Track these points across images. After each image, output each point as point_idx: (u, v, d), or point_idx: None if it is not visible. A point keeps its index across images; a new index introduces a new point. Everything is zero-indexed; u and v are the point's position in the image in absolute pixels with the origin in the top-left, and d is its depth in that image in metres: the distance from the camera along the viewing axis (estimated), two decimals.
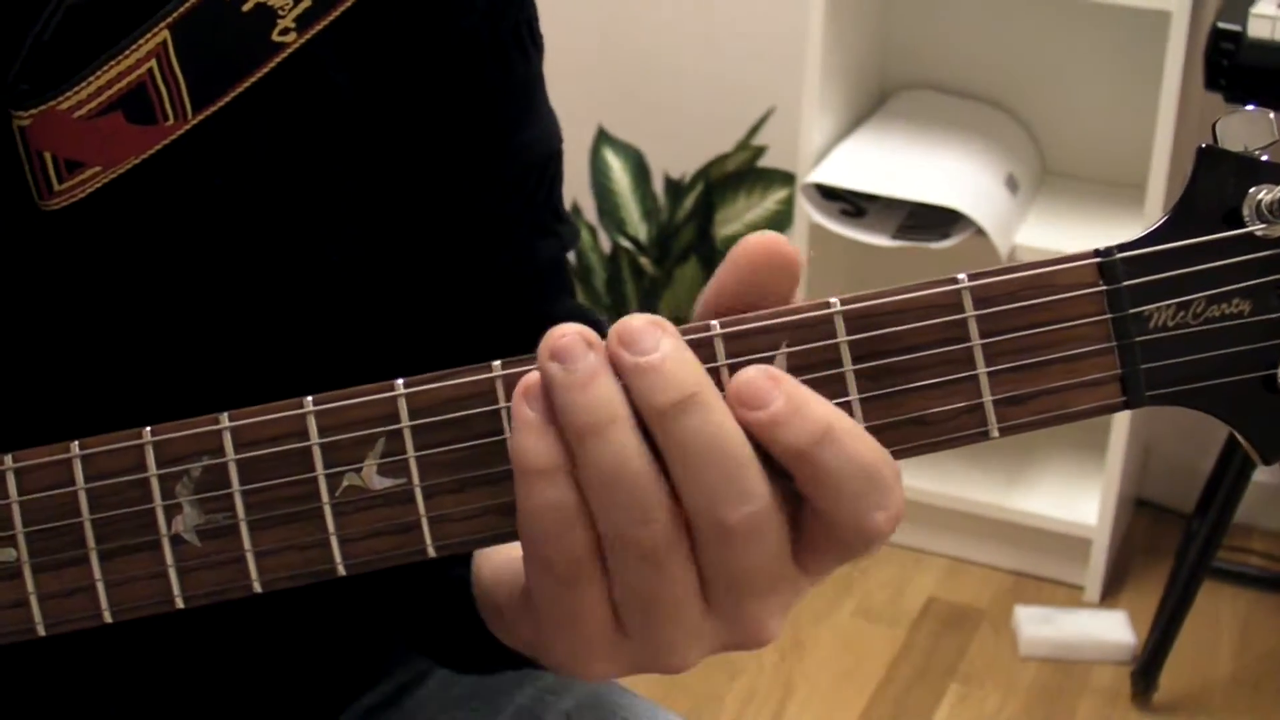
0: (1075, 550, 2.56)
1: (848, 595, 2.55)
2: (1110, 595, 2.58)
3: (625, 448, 0.56)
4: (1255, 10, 2.03)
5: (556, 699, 0.93)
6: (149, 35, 0.70)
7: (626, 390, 0.56)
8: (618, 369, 0.56)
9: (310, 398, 0.59)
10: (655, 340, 0.56)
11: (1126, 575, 2.63)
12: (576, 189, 2.77)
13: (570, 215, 0.88)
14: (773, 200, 2.69)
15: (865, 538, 0.57)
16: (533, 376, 0.57)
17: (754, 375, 0.57)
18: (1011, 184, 2.50)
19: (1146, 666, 2.36)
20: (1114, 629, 2.48)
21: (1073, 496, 2.59)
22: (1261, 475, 2.58)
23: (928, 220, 2.41)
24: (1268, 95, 1.89)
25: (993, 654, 2.47)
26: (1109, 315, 0.59)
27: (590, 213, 2.81)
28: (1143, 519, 2.76)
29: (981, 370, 0.58)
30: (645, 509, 0.56)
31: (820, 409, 0.57)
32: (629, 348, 0.56)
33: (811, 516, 0.58)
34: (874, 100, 2.69)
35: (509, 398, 0.58)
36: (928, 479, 2.57)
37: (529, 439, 0.56)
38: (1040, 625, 2.48)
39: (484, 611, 0.71)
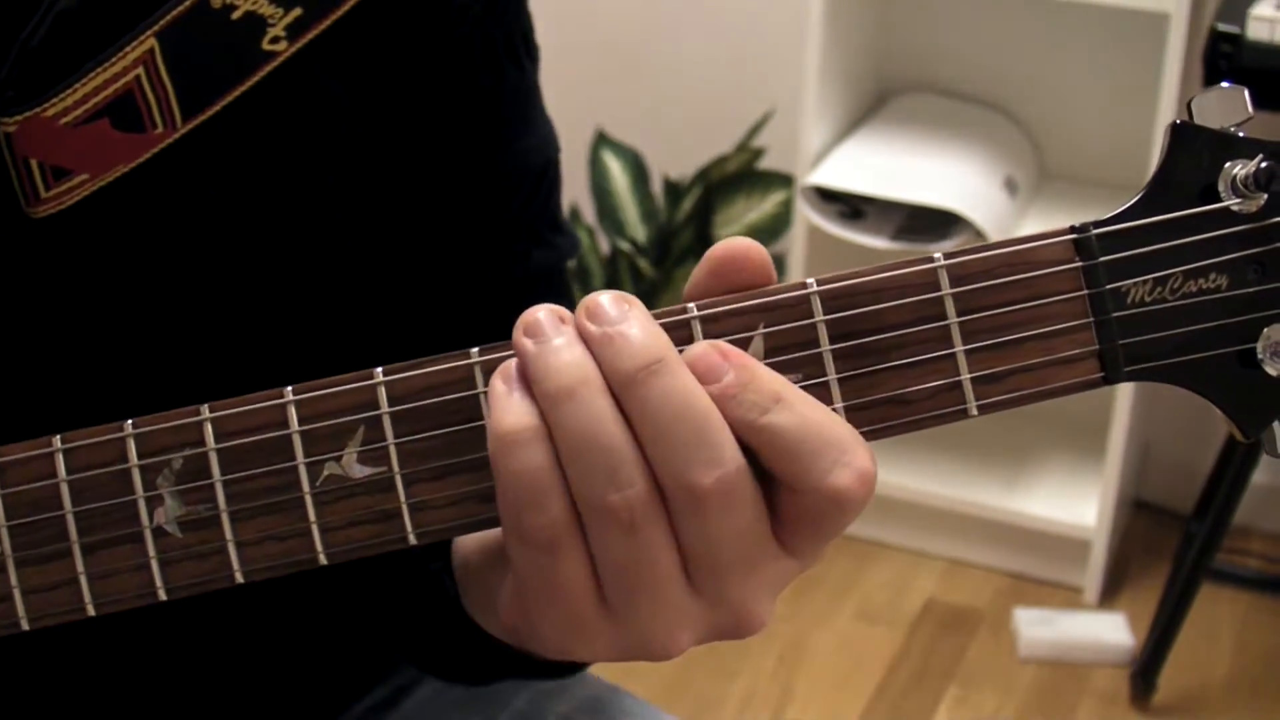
0: (1074, 552, 2.56)
1: (847, 597, 2.55)
2: (1109, 597, 2.58)
3: (597, 409, 0.56)
4: (1254, 12, 2.03)
5: (554, 702, 0.92)
6: (136, 43, 0.70)
7: (597, 363, 0.56)
8: (586, 341, 0.57)
9: (290, 388, 0.59)
10: (621, 312, 0.57)
11: (1125, 577, 2.63)
12: (575, 191, 2.77)
13: (570, 226, 0.88)
14: (771, 202, 2.70)
15: (834, 501, 0.57)
16: (509, 363, 0.57)
17: (704, 350, 0.57)
18: (1010, 186, 2.50)
19: (1145, 668, 2.35)
20: (1113, 631, 2.48)
21: (1072, 498, 2.59)
22: (1260, 477, 2.58)
23: (926, 222, 2.41)
24: (1267, 97, 1.89)
25: (992, 656, 2.47)
26: (1086, 291, 0.59)
27: (589, 215, 2.81)
28: (1141, 521, 2.76)
29: (959, 348, 0.58)
30: (619, 472, 0.56)
31: (769, 378, 0.57)
32: (594, 320, 0.57)
33: (782, 491, 0.58)
34: (872, 102, 2.69)
35: (488, 384, 0.58)
36: (926, 480, 2.57)
37: (499, 406, 0.57)
38: (1039, 627, 2.48)
39: (473, 599, 0.70)
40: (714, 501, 0.56)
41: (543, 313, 0.57)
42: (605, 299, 0.57)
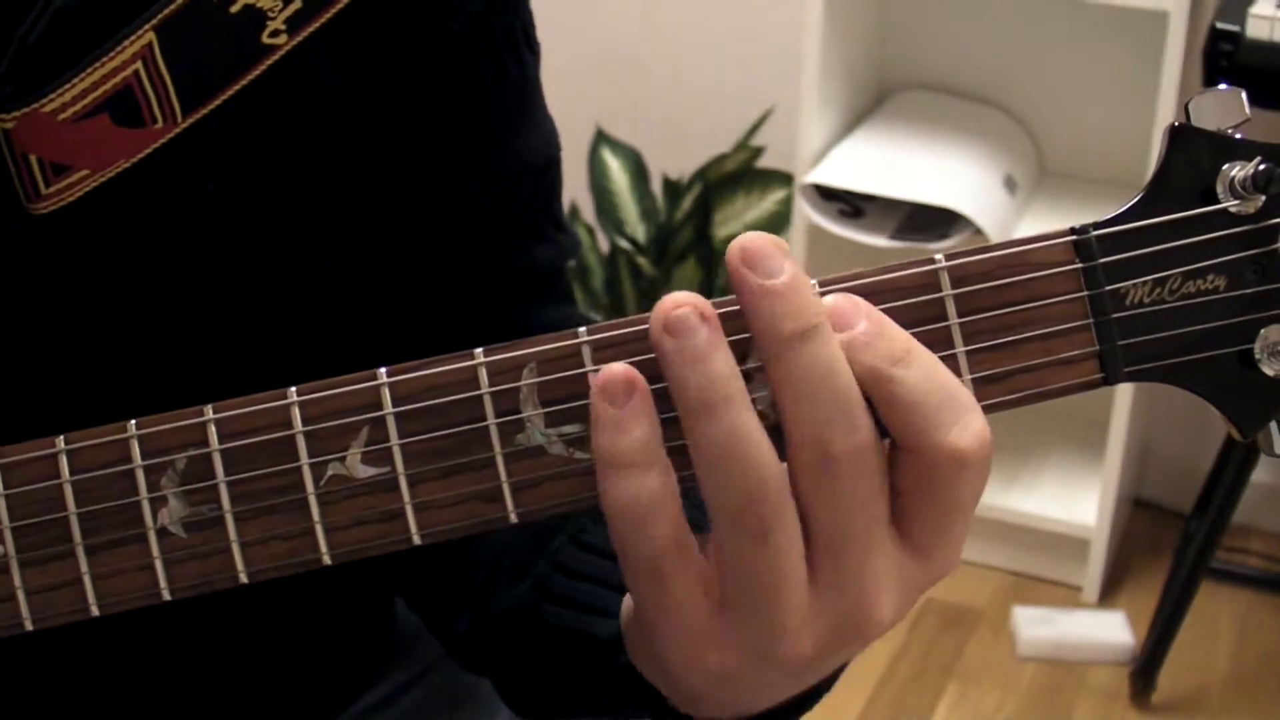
0: (1074, 550, 2.56)
1: None
2: (1108, 595, 2.58)
3: (742, 423, 0.55)
4: (1253, 10, 2.03)
5: None
6: (134, 37, 0.69)
7: (749, 314, 0.55)
8: (740, 290, 0.55)
9: (294, 388, 0.58)
10: (780, 264, 0.56)
11: (1125, 575, 2.63)
12: (575, 189, 2.76)
13: (570, 224, 0.88)
14: (771, 201, 2.70)
15: (954, 461, 0.56)
16: (611, 370, 0.57)
17: (839, 299, 0.57)
18: (1010, 184, 2.50)
19: (1145, 667, 2.36)
20: (1112, 629, 2.48)
21: (1071, 496, 2.59)
22: (1260, 475, 2.58)
23: (926, 220, 2.41)
24: (1266, 95, 1.89)
25: (991, 654, 2.47)
26: (1085, 292, 0.59)
27: (588, 213, 2.81)
28: (1141, 519, 2.76)
29: (960, 349, 0.58)
30: (758, 487, 0.55)
31: (899, 332, 0.57)
32: (755, 269, 0.55)
33: (901, 458, 0.57)
34: (872, 101, 2.69)
35: (491, 384, 0.58)
36: None
37: (604, 427, 0.56)
38: (1039, 625, 2.48)
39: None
40: (845, 467, 0.55)
41: (683, 309, 0.55)
42: (764, 245, 0.55)
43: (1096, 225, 0.59)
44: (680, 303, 0.55)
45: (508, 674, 0.80)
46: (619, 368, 0.56)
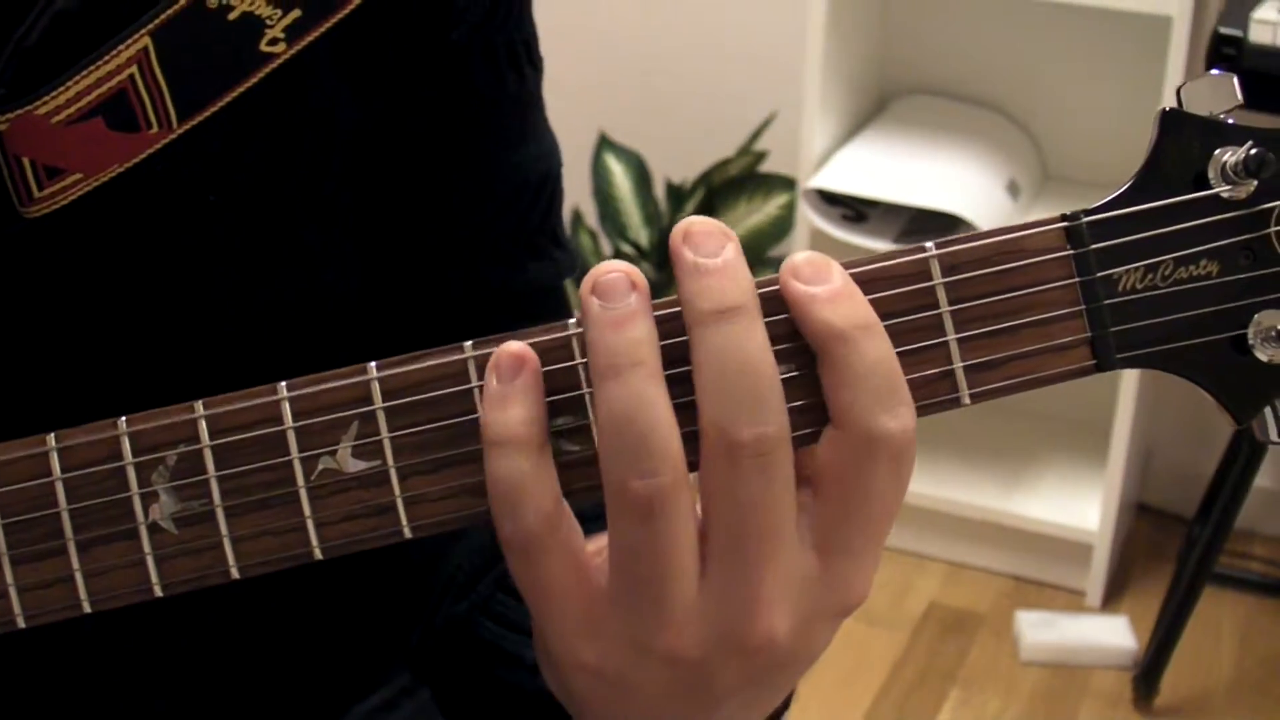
0: (1076, 555, 2.56)
1: None
2: (1111, 600, 2.58)
3: (646, 394, 0.55)
4: (1256, 15, 2.03)
5: None
6: (130, 41, 0.69)
7: (680, 287, 0.56)
8: (675, 267, 0.56)
9: (284, 383, 0.58)
10: (719, 246, 0.56)
11: (1128, 580, 2.63)
12: (578, 195, 2.77)
13: (570, 242, 0.87)
14: (774, 205, 2.70)
15: (872, 444, 0.56)
16: (505, 347, 0.57)
17: (815, 255, 0.57)
18: (1013, 189, 2.50)
19: (1148, 671, 2.36)
20: (1115, 634, 2.48)
21: (1074, 501, 2.59)
22: (1263, 480, 2.58)
23: (929, 225, 2.41)
24: (1269, 100, 1.89)
25: (994, 659, 2.47)
26: (1077, 279, 0.58)
27: (592, 218, 2.81)
28: (1144, 524, 2.76)
29: (951, 337, 0.58)
30: (650, 461, 0.55)
31: (870, 308, 0.57)
32: (692, 247, 0.56)
33: (825, 440, 0.57)
34: (875, 105, 2.69)
35: (481, 378, 0.58)
36: (928, 484, 2.57)
37: (488, 405, 0.57)
38: (1041, 630, 2.48)
39: None
40: (748, 460, 0.55)
41: (615, 274, 0.56)
42: (707, 227, 0.56)
43: (1088, 211, 0.59)
44: (614, 269, 0.56)
45: (444, 687, 0.80)
46: (513, 345, 0.57)
